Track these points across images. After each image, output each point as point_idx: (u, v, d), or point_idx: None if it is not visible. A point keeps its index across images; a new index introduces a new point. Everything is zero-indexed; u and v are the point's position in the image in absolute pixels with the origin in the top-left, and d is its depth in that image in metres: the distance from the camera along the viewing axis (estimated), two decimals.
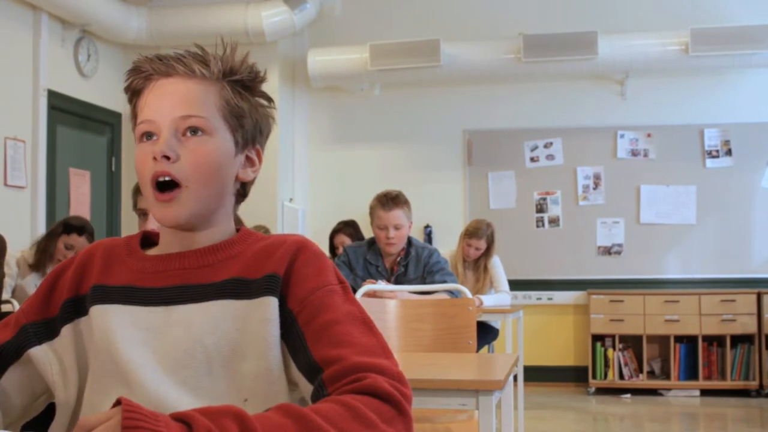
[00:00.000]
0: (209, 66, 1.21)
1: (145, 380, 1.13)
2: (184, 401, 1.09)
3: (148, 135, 1.19)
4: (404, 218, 3.80)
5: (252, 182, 1.29)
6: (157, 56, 1.22)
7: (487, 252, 5.29)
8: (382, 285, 3.53)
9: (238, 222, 1.31)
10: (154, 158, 1.17)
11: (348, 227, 5.78)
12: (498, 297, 5.18)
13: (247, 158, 1.26)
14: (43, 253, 4.62)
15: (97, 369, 1.19)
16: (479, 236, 5.26)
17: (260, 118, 1.26)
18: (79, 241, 4.63)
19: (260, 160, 1.28)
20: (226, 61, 1.22)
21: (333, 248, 5.83)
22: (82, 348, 1.22)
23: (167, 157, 1.16)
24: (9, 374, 1.22)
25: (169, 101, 1.19)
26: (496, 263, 5.30)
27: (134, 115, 1.24)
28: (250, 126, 1.24)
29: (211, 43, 1.29)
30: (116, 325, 1.17)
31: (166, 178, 1.17)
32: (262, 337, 1.14)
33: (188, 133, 1.18)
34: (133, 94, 1.24)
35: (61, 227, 4.67)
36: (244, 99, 1.23)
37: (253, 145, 1.26)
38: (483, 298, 5.07)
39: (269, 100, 1.29)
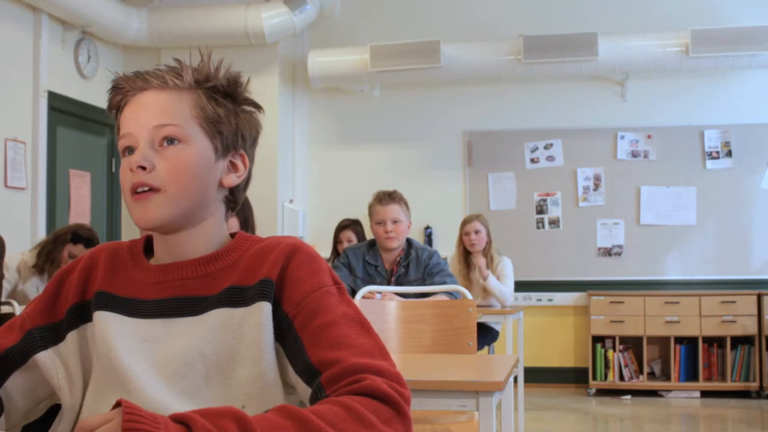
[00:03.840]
0: (182, 76, 1.22)
1: (144, 388, 1.13)
2: (182, 409, 1.09)
3: (129, 150, 1.21)
4: (401, 213, 3.80)
5: (241, 188, 1.28)
6: (134, 73, 1.24)
7: (490, 242, 5.37)
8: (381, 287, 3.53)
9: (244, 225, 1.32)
10: (131, 170, 1.18)
11: (356, 225, 5.76)
12: (501, 285, 5.23)
13: (231, 164, 1.26)
14: (48, 256, 4.58)
15: (98, 374, 1.20)
16: (470, 220, 5.41)
17: (241, 123, 1.26)
18: (81, 252, 4.59)
19: (246, 166, 1.27)
20: (201, 69, 1.23)
21: (337, 243, 5.78)
22: (87, 353, 1.23)
23: (143, 168, 1.17)
24: (14, 378, 1.22)
25: (144, 113, 1.20)
26: (506, 263, 5.37)
27: (117, 130, 1.26)
28: (229, 131, 1.24)
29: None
30: (117, 332, 1.18)
31: (145, 189, 1.18)
32: (256, 342, 1.14)
33: (165, 143, 1.19)
34: (117, 111, 1.26)
35: (70, 235, 4.62)
36: (221, 105, 1.23)
37: (236, 151, 1.26)
38: (490, 281, 5.18)
39: (256, 106, 1.29)
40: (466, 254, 5.45)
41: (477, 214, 5.59)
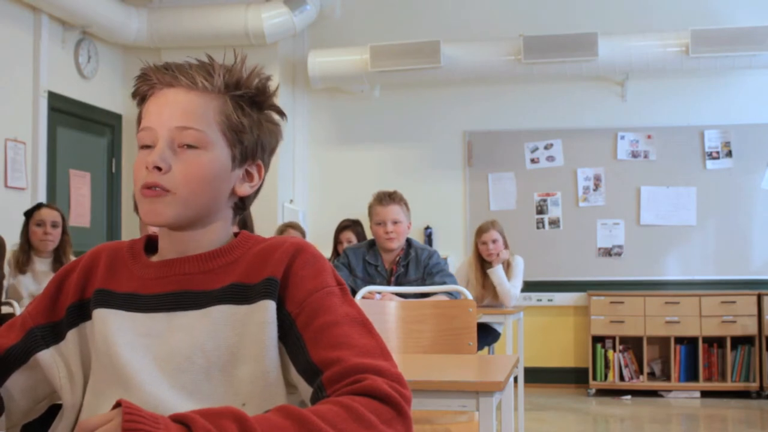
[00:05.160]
0: (213, 78, 1.20)
1: (143, 383, 1.13)
2: (182, 405, 1.10)
3: (147, 144, 1.20)
4: (402, 214, 3.80)
5: (252, 197, 1.28)
6: (164, 65, 1.22)
7: (507, 248, 5.32)
8: (381, 287, 3.53)
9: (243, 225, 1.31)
10: (147, 168, 1.17)
11: (356, 225, 5.76)
12: (506, 282, 5.20)
13: (247, 173, 1.25)
14: (24, 246, 4.76)
15: (97, 371, 1.20)
16: (486, 229, 5.31)
17: (263, 134, 1.25)
18: (42, 214, 4.79)
19: (261, 176, 1.27)
20: (233, 74, 1.21)
21: (338, 243, 5.77)
22: (87, 351, 1.23)
23: (159, 168, 1.17)
24: (15, 377, 1.22)
25: (168, 111, 1.19)
26: (518, 262, 5.35)
27: (138, 121, 1.24)
28: (250, 142, 1.23)
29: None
30: (117, 329, 1.18)
31: (156, 188, 1.17)
32: (260, 340, 1.14)
33: (184, 147, 1.18)
34: (140, 99, 1.24)
35: (24, 217, 4.83)
36: (246, 114, 1.22)
37: (253, 161, 1.25)
38: (497, 270, 5.15)
39: (281, 114, 1.28)
40: (481, 261, 5.38)
41: (492, 221, 5.42)
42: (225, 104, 1.21)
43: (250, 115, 1.23)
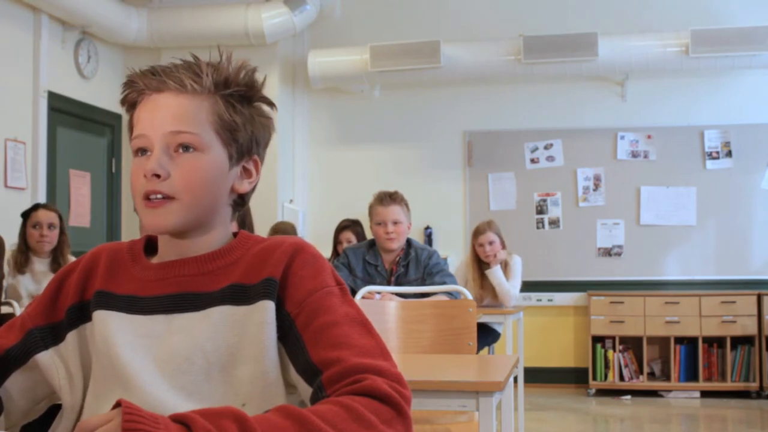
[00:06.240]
0: (201, 79, 1.19)
1: (144, 384, 1.13)
2: (182, 406, 1.10)
3: (142, 150, 1.19)
4: (402, 214, 3.80)
5: (250, 193, 1.28)
6: (150, 70, 1.21)
7: (504, 248, 5.30)
8: (381, 287, 3.53)
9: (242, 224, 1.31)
10: (145, 176, 1.17)
11: (356, 225, 5.75)
12: (505, 282, 5.19)
13: (244, 169, 1.25)
14: (21, 247, 4.76)
15: (97, 373, 1.20)
16: (482, 231, 5.30)
17: (256, 129, 1.25)
18: (39, 215, 4.79)
19: (258, 171, 1.26)
20: (221, 72, 1.21)
21: (337, 243, 5.77)
22: (87, 353, 1.23)
23: (158, 176, 1.16)
24: (14, 378, 1.22)
25: (160, 117, 1.18)
26: (516, 261, 5.35)
27: (130, 128, 1.24)
28: (245, 139, 1.23)
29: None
30: (116, 330, 1.18)
31: (158, 196, 1.17)
32: (259, 341, 1.14)
33: (180, 150, 1.18)
34: (130, 106, 1.24)
35: (22, 218, 4.82)
36: (238, 112, 1.21)
37: (250, 157, 1.25)
38: (495, 270, 5.12)
39: (270, 105, 1.28)
40: (479, 262, 5.36)
41: (488, 221, 5.41)
42: (216, 104, 1.20)
43: (241, 112, 1.22)
